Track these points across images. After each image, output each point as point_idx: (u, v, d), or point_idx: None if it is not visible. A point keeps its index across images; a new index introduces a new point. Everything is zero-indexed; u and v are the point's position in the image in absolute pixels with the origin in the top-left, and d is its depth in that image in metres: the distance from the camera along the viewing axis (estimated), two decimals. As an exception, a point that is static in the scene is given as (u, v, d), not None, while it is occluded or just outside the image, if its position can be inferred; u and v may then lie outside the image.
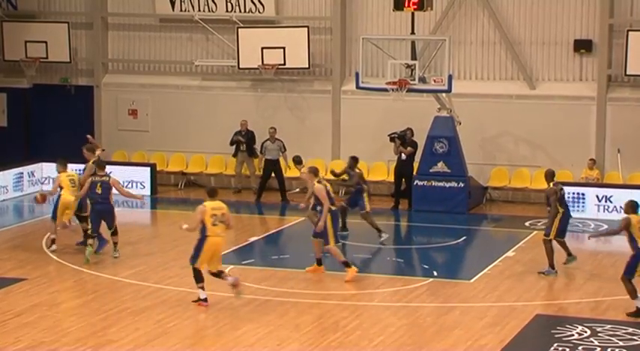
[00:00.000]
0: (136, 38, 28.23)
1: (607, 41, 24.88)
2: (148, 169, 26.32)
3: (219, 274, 16.23)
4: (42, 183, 26.11)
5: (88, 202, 19.33)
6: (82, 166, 20.66)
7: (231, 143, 26.09)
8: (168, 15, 27.60)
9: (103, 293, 17.03)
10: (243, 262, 19.34)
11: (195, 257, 16.12)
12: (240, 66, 26.71)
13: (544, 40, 25.47)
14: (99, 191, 19.06)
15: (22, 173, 25.75)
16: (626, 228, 15.81)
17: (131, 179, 25.99)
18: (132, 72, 28.36)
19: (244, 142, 25.97)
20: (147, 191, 25.98)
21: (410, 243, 22.40)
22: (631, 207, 16.03)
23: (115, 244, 19.32)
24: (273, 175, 25.52)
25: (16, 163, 25.54)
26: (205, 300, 16.18)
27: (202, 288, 16.20)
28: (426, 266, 17.43)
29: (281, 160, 25.43)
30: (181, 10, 27.33)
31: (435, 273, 17.98)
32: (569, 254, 18.67)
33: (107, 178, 19.28)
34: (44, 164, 26.05)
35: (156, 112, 27.90)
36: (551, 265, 18.14)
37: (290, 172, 25.33)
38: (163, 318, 15.64)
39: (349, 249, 20.37)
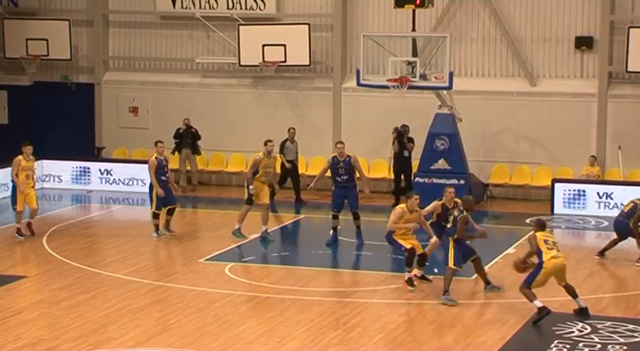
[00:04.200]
0: (136, 36, 28.22)
1: (608, 38, 24.84)
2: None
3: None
4: (43, 180, 26.09)
5: None
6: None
7: (175, 137, 26.17)
8: (169, 12, 27.59)
9: (104, 291, 17.03)
10: (244, 259, 19.34)
11: None
12: (241, 63, 26.70)
13: (545, 36, 25.44)
14: None
15: (23, 171, 25.68)
16: None
17: (132, 177, 26.04)
18: (132, 69, 28.34)
19: (189, 138, 26.07)
20: (147, 188, 25.92)
21: (411, 240, 22.34)
22: None
23: None
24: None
25: (16, 161, 25.43)
26: None
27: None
28: (427, 263, 17.41)
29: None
30: (182, 7, 27.31)
31: (436, 270, 17.96)
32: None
33: None
34: (45, 161, 26.03)
35: (156, 109, 27.89)
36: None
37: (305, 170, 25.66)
38: (164, 315, 15.64)
39: (348, 246, 20.36)
